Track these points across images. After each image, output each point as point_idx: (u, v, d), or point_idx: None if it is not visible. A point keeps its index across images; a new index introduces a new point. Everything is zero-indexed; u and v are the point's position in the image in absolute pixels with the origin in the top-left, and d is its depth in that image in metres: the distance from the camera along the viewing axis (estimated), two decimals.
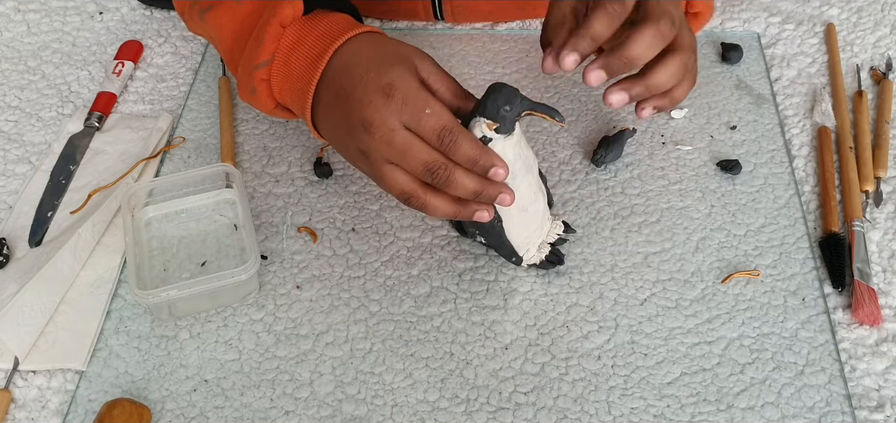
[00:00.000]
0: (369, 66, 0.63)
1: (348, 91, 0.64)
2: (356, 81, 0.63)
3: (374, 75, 0.63)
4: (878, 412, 0.63)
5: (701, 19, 0.74)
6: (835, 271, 0.70)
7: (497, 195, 0.64)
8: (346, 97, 0.64)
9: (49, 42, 0.97)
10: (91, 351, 0.67)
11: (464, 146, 0.62)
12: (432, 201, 0.64)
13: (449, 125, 0.62)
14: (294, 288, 0.71)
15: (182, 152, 0.83)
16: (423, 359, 0.66)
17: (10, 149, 0.85)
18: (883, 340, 0.67)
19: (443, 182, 0.63)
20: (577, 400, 0.64)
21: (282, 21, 0.68)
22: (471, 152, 0.62)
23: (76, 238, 0.72)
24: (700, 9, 0.72)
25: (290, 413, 0.64)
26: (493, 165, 0.62)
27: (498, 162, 0.62)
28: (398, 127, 0.62)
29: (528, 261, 0.70)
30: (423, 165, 0.62)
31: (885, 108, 0.84)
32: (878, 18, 0.95)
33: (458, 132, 0.62)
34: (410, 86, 0.62)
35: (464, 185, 0.63)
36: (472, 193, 0.63)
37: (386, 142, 0.62)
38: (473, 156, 0.62)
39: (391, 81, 0.62)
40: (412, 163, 0.62)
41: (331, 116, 0.67)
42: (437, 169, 0.62)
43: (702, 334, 0.67)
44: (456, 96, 0.65)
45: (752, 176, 0.78)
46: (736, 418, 0.62)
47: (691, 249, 0.73)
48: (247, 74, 0.70)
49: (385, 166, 0.63)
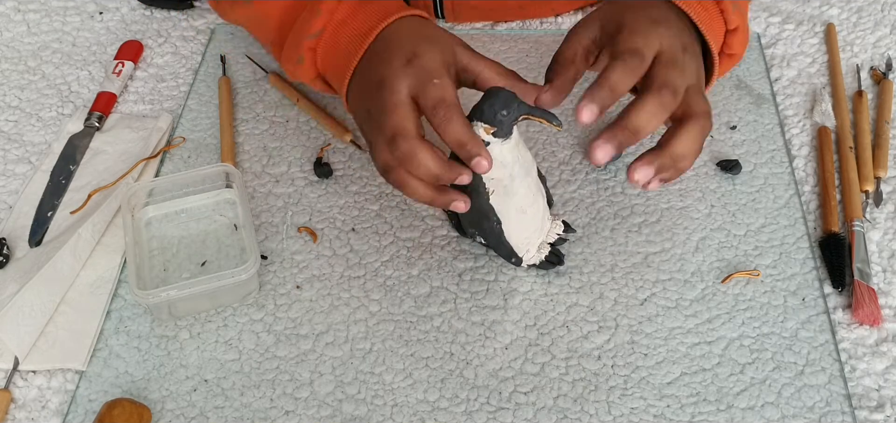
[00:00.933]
0: (405, 40, 0.66)
1: (380, 55, 0.67)
2: (389, 49, 0.66)
3: (405, 46, 0.65)
4: (878, 412, 0.63)
5: (735, 60, 0.73)
6: (835, 271, 0.70)
7: (458, 176, 0.64)
8: (376, 60, 0.67)
9: (49, 42, 0.97)
10: (91, 351, 0.67)
11: (455, 125, 0.62)
12: (411, 182, 0.64)
13: (448, 100, 0.62)
14: (294, 288, 0.71)
15: (182, 152, 0.83)
16: (423, 359, 0.66)
17: (10, 149, 0.85)
18: (883, 340, 0.67)
19: (403, 154, 0.63)
20: (577, 400, 0.64)
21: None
22: (460, 134, 0.62)
23: (76, 238, 0.72)
24: (736, 51, 0.72)
25: (290, 413, 0.64)
26: (479, 154, 0.62)
27: (483, 153, 0.62)
28: (401, 91, 0.63)
29: (527, 261, 0.70)
30: (392, 130, 0.63)
31: (885, 108, 0.84)
32: (878, 18, 0.95)
33: (455, 111, 0.62)
34: (432, 59, 0.64)
35: (426, 165, 0.63)
36: (433, 176, 0.63)
37: (383, 100, 0.64)
38: (462, 139, 0.62)
39: (416, 52, 0.64)
40: (386, 124, 0.63)
41: (359, 82, 0.69)
42: (400, 138, 0.62)
43: (702, 334, 0.67)
44: (501, 75, 0.67)
45: (752, 176, 0.78)
46: (736, 418, 0.62)
47: (691, 249, 0.73)
48: (296, 44, 0.73)
49: (376, 132, 0.65)
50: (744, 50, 0.72)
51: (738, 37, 0.70)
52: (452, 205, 0.66)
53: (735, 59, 0.73)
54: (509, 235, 0.68)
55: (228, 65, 0.92)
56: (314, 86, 0.77)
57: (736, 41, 0.70)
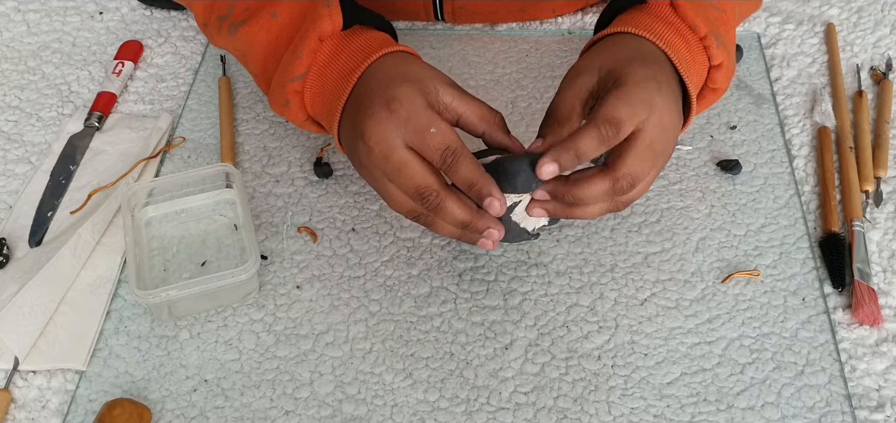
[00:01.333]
0: (383, 80, 0.64)
1: (360, 102, 0.65)
2: (368, 94, 0.64)
3: (383, 89, 0.63)
4: (878, 412, 0.63)
5: (718, 94, 0.73)
6: (835, 271, 0.70)
7: (485, 229, 0.64)
8: (357, 108, 0.65)
9: (49, 42, 0.97)
10: (91, 351, 0.67)
11: (464, 168, 0.62)
12: (438, 221, 0.65)
13: (452, 146, 0.62)
14: (294, 288, 0.71)
15: (182, 152, 0.83)
16: (423, 359, 0.66)
17: (10, 149, 0.85)
18: (883, 340, 0.67)
19: (433, 208, 0.63)
20: (577, 400, 0.64)
21: (320, 35, 0.68)
22: (470, 175, 0.62)
23: (76, 238, 0.72)
24: (719, 85, 0.71)
25: (290, 413, 0.64)
26: (490, 194, 0.62)
27: (496, 193, 0.62)
28: (398, 145, 0.62)
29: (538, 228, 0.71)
30: (415, 189, 0.63)
31: (885, 108, 0.84)
32: (878, 18, 0.95)
33: (461, 153, 0.62)
34: (415, 104, 0.62)
35: (453, 214, 0.64)
36: (460, 224, 0.64)
37: (383, 157, 0.63)
38: (472, 179, 0.62)
39: (395, 96, 0.62)
40: (405, 184, 0.63)
41: (346, 127, 0.67)
42: (428, 195, 0.63)
43: (702, 334, 0.67)
44: (483, 120, 0.66)
45: (752, 176, 0.78)
46: (736, 418, 0.62)
47: (691, 249, 0.73)
48: (281, 86, 0.70)
49: (387, 183, 0.64)
50: (728, 84, 0.72)
51: (722, 72, 0.70)
52: (480, 243, 0.66)
53: (719, 93, 0.72)
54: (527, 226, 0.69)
55: (228, 65, 0.92)
56: (306, 129, 0.74)
57: (720, 76, 0.70)
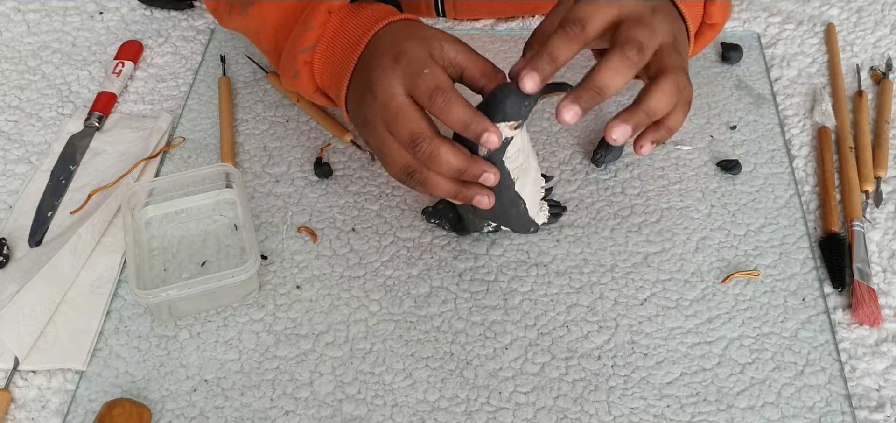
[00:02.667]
0: (391, 42, 0.66)
1: (368, 63, 0.67)
2: (377, 55, 0.66)
3: (391, 47, 0.65)
4: (878, 412, 0.63)
5: (716, 29, 0.73)
6: (835, 271, 0.70)
7: (481, 173, 0.64)
8: (365, 68, 0.67)
9: (49, 42, 0.97)
10: (91, 351, 0.67)
11: (456, 108, 0.62)
12: (433, 178, 0.64)
13: (444, 86, 0.62)
14: (294, 288, 0.71)
15: (182, 152, 0.83)
16: (423, 359, 0.66)
17: (10, 149, 0.85)
18: (883, 340, 0.67)
19: (427, 157, 0.63)
20: (577, 400, 0.64)
21: (329, 8, 0.71)
22: (464, 116, 0.62)
23: (76, 238, 0.72)
24: (717, 20, 0.72)
25: (290, 413, 0.64)
26: (485, 130, 0.62)
27: (490, 128, 0.62)
28: (398, 92, 0.63)
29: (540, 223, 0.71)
30: (409, 135, 0.63)
31: (885, 108, 0.84)
32: (878, 18, 0.95)
33: (453, 94, 0.62)
34: (417, 53, 0.64)
35: (448, 161, 0.63)
36: (456, 171, 0.63)
37: (383, 105, 0.63)
38: (466, 119, 0.62)
39: (403, 50, 0.64)
40: (400, 130, 0.63)
41: (354, 91, 0.68)
42: (421, 141, 0.62)
43: (702, 334, 0.67)
44: (484, 74, 0.66)
45: (752, 176, 0.78)
46: (736, 418, 0.62)
47: (691, 249, 0.73)
48: (291, 58, 0.73)
49: (386, 136, 0.64)
50: (725, 19, 0.72)
51: (718, 6, 0.70)
52: (476, 200, 0.65)
53: (717, 28, 0.73)
54: (529, 209, 0.68)
55: (228, 65, 0.92)
56: (315, 100, 0.76)
57: (715, 10, 0.70)
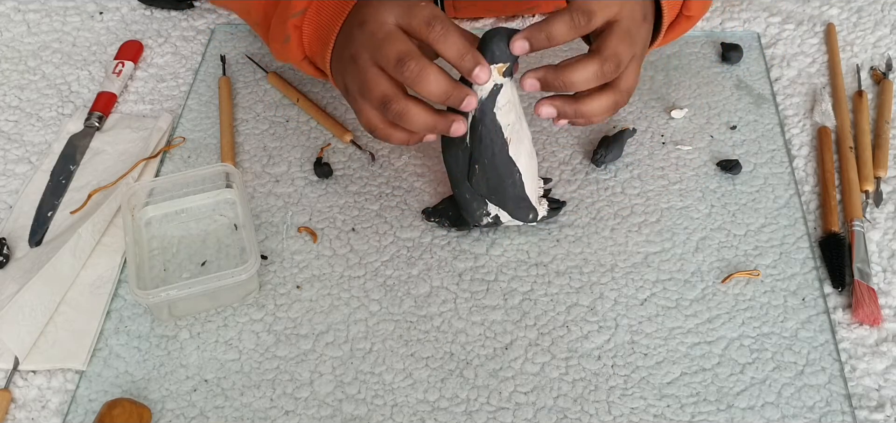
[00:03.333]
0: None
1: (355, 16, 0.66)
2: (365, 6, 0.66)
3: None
4: (878, 412, 0.63)
5: (693, 21, 0.75)
6: (835, 271, 0.70)
7: (464, 97, 0.64)
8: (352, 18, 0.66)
9: (49, 42, 0.97)
10: (91, 351, 0.67)
11: (454, 37, 0.62)
12: (412, 109, 0.64)
13: (441, 16, 0.62)
14: (294, 288, 0.71)
15: (182, 152, 0.83)
16: (423, 359, 0.66)
17: (10, 149, 0.85)
18: (883, 340, 0.67)
19: (415, 75, 0.62)
20: (577, 400, 0.64)
21: None
22: (461, 45, 0.62)
23: (76, 238, 0.72)
24: (693, 13, 0.73)
25: (290, 413, 0.64)
26: (479, 63, 0.62)
27: (482, 62, 0.63)
28: (390, 21, 0.63)
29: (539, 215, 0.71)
30: (397, 55, 0.62)
31: (885, 108, 0.84)
32: (878, 18, 0.95)
33: (450, 24, 0.62)
34: None
35: (436, 81, 0.63)
36: (443, 93, 0.63)
37: (371, 34, 0.63)
38: (463, 49, 0.62)
39: None
40: (388, 52, 0.63)
41: (340, 41, 0.68)
42: (409, 59, 0.62)
43: (702, 334, 0.67)
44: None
45: (752, 176, 0.78)
46: (736, 418, 0.62)
47: (691, 249, 0.73)
48: (281, 23, 0.73)
49: (369, 66, 0.64)
50: (702, 14, 0.74)
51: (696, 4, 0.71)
52: (452, 128, 0.65)
53: (693, 20, 0.74)
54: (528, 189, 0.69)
55: (228, 65, 0.92)
56: (302, 68, 0.76)
57: (694, 4, 0.72)
